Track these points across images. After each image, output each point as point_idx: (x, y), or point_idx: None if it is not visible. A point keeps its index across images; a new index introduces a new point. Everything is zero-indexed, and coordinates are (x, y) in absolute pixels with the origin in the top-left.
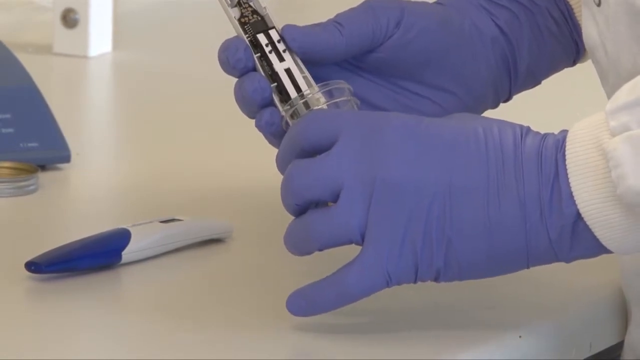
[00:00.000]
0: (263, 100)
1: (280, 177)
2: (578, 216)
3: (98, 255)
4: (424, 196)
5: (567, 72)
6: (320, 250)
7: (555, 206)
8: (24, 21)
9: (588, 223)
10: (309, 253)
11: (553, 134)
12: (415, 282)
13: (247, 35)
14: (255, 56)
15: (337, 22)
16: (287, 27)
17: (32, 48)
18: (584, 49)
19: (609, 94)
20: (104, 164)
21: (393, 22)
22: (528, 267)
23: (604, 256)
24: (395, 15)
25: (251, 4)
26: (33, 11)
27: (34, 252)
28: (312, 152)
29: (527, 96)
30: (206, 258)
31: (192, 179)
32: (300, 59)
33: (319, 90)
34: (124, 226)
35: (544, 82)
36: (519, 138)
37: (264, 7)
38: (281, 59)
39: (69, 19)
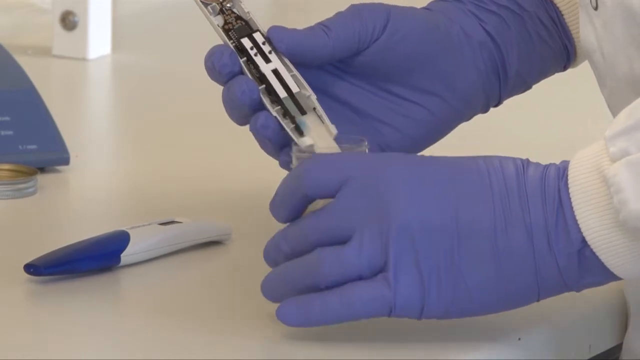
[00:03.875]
0: (252, 102)
1: (280, 176)
2: (584, 243)
3: (97, 258)
4: (432, 233)
5: (565, 76)
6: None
7: (562, 234)
8: (23, 23)
9: (594, 250)
10: (309, 291)
11: (554, 164)
12: (420, 317)
13: (232, 41)
14: (242, 60)
15: (324, 25)
16: (274, 29)
17: (31, 50)
18: (575, 54)
19: (607, 98)
20: (103, 166)
21: (379, 25)
22: (539, 300)
23: None
24: (381, 18)
25: (234, 10)
26: (32, 13)
27: (33, 254)
28: (314, 198)
29: (526, 100)
30: (205, 260)
31: (191, 181)
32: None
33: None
34: (123, 228)
35: (542, 85)
36: (521, 169)
37: (248, 12)
38: (267, 61)
39: (68, 21)
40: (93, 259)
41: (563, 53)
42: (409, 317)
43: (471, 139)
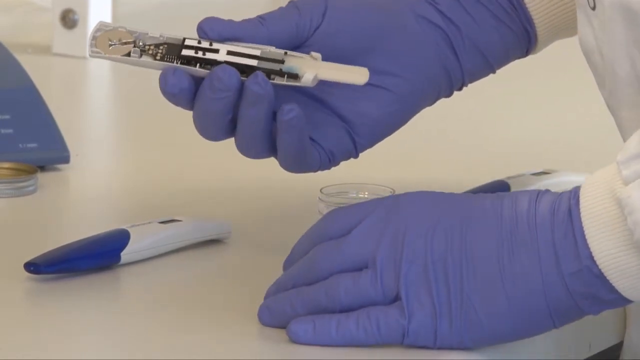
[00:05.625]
0: (182, 90)
1: (281, 175)
2: (594, 266)
3: (97, 256)
4: (441, 263)
5: (566, 75)
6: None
7: (571, 257)
8: (24, 22)
9: (604, 272)
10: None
11: (567, 190)
12: (435, 346)
13: (174, 61)
14: (198, 69)
15: (261, 16)
16: (205, 20)
17: (31, 49)
18: (535, 39)
19: (606, 98)
20: (103, 164)
21: (317, 14)
22: (556, 326)
23: None
24: (319, 8)
25: (148, 44)
26: (32, 12)
27: (33, 252)
28: (334, 236)
29: (526, 100)
30: (205, 259)
31: (191, 179)
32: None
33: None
34: (123, 227)
35: (541, 84)
36: (534, 197)
37: (160, 35)
38: (216, 51)
39: (68, 19)
40: (93, 258)
41: (524, 35)
42: (424, 346)
43: (472, 138)
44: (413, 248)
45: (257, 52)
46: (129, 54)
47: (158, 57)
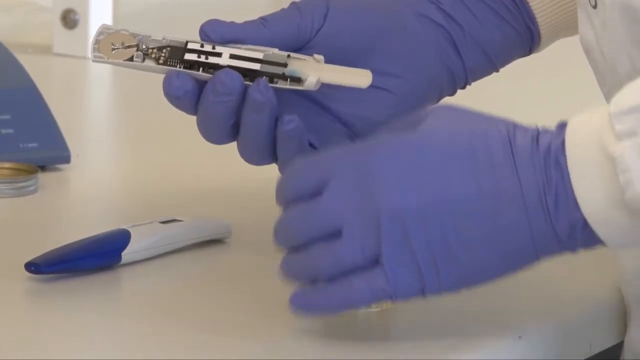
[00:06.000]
0: (186, 93)
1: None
2: (584, 220)
3: (98, 256)
4: (422, 219)
5: (565, 75)
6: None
7: (562, 210)
8: (24, 22)
9: (591, 223)
10: (311, 281)
11: (546, 131)
12: (423, 296)
13: (177, 66)
14: (201, 73)
15: (262, 18)
16: (207, 22)
17: (32, 49)
18: (539, 38)
19: (607, 96)
20: (103, 164)
21: (319, 16)
22: (538, 257)
23: (604, 257)
24: (320, 10)
25: (152, 46)
26: (33, 12)
27: (34, 252)
28: (307, 196)
29: (527, 100)
30: (206, 258)
31: (192, 179)
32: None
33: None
34: (124, 227)
35: (543, 83)
36: (507, 139)
37: (162, 38)
38: (218, 54)
39: (69, 19)
40: (94, 258)
41: (527, 34)
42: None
43: None
44: (387, 206)
45: (260, 55)
46: (131, 58)
47: (161, 61)
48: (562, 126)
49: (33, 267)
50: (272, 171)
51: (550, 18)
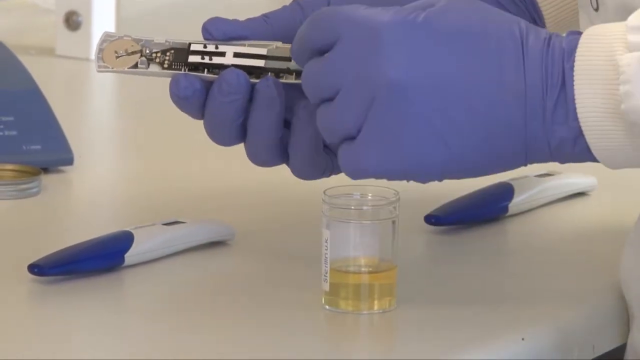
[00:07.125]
0: (195, 92)
1: (285, 178)
2: (579, 129)
3: (101, 258)
4: (417, 94)
5: None
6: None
7: (559, 113)
8: (27, 24)
9: (584, 129)
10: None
11: (558, 36)
12: (407, 179)
13: (182, 69)
14: (206, 74)
15: (265, 15)
16: (209, 21)
17: (35, 50)
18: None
19: None
20: (106, 166)
21: (321, 6)
22: (526, 165)
23: (606, 258)
24: (321, 5)
25: (154, 50)
26: (36, 14)
27: (37, 254)
28: (320, 50)
29: None
30: (209, 261)
31: (195, 181)
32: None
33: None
34: (127, 229)
35: None
36: (519, 36)
37: (165, 41)
38: (222, 54)
39: (72, 21)
40: (97, 259)
41: None
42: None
43: None
44: (387, 83)
45: (264, 51)
46: (136, 65)
47: (165, 65)
48: (574, 33)
49: (36, 268)
50: (274, 174)
51: (555, 12)
